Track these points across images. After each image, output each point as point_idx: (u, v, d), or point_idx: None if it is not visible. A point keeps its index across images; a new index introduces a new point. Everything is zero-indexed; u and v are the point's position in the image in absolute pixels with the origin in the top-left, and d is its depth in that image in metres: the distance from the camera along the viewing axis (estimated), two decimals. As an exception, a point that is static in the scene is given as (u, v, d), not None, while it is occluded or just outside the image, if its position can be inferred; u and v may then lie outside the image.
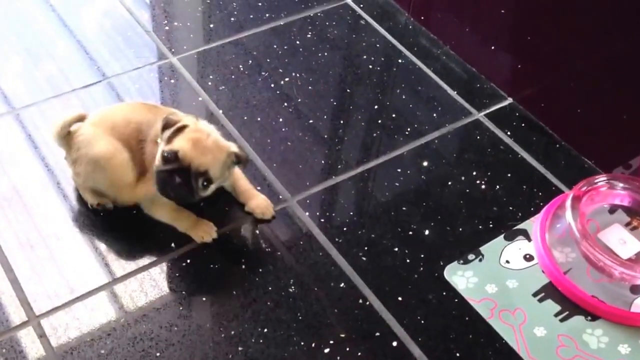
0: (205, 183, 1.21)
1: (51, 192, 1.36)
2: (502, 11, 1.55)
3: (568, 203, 1.27)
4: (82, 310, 1.20)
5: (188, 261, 1.28)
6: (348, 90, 1.61)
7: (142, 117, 1.30)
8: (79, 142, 1.29)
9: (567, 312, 1.22)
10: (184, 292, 1.23)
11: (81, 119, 1.32)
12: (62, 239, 1.29)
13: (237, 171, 1.33)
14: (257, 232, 1.33)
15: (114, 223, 1.32)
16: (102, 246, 1.28)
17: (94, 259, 1.26)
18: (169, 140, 1.21)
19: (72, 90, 1.54)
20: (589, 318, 1.22)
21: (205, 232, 1.30)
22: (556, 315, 1.22)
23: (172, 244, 1.29)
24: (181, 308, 1.21)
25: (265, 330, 1.19)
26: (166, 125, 1.22)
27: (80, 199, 1.34)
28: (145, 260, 1.27)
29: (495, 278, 1.26)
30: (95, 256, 1.27)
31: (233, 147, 1.25)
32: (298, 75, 1.62)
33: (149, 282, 1.24)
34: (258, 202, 1.34)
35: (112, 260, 1.27)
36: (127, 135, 1.28)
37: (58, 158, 1.39)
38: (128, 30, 1.69)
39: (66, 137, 1.31)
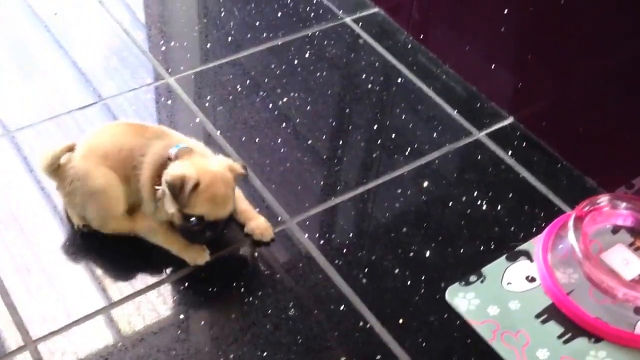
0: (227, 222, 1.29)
1: (47, 215, 1.38)
2: (502, 30, 1.59)
3: (570, 223, 1.30)
4: (79, 334, 1.22)
5: (186, 284, 1.30)
6: (347, 110, 1.64)
7: (132, 141, 1.31)
8: (72, 175, 1.31)
9: (570, 334, 1.25)
10: (182, 316, 1.26)
11: (70, 149, 1.32)
12: (59, 262, 1.32)
13: (237, 192, 1.36)
14: (256, 254, 1.35)
15: (110, 247, 1.34)
16: (99, 270, 1.31)
17: (90, 283, 1.29)
18: (188, 202, 1.22)
19: (68, 111, 1.57)
20: (593, 340, 1.24)
21: (198, 255, 1.32)
22: (559, 337, 1.24)
23: (170, 267, 1.32)
24: (179, 332, 1.24)
25: (265, 353, 1.21)
26: (176, 189, 1.22)
27: (66, 229, 1.36)
28: (143, 284, 1.29)
29: (498, 299, 1.29)
30: (92, 280, 1.29)
31: (235, 167, 1.28)
32: (296, 95, 1.66)
33: (146, 306, 1.26)
34: (257, 223, 1.36)
35: (108, 284, 1.29)
36: (120, 163, 1.30)
37: (52, 182, 1.41)
38: (124, 51, 1.73)
39: (56, 170, 1.32)
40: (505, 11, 1.56)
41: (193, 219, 1.25)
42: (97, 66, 1.69)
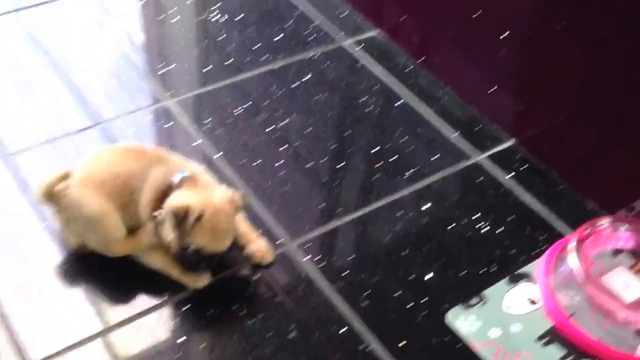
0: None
1: (44, 238, 1.39)
2: (502, 53, 1.62)
3: (571, 246, 1.32)
4: (77, 358, 1.23)
5: (186, 307, 1.31)
6: (347, 133, 1.66)
7: (130, 167, 1.32)
8: (67, 203, 1.32)
9: (572, 357, 1.26)
10: (182, 339, 1.27)
11: (65, 177, 1.33)
12: (56, 285, 1.33)
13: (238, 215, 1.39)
14: (257, 276, 1.37)
15: (108, 269, 1.35)
16: (97, 293, 1.32)
17: (88, 306, 1.30)
18: (189, 232, 1.25)
19: (66, 134, 1.59)
20: (595, 362, 1.26)
21: (197, 278, 1.33)
22: (561, 359, 1.26)
23: (170, 290, 1.33)
24: (179, 355, 1.25)
25: (266, 376, 1.23)
26: (179, 219, 1.24)
27: (62, 251, 1.37)
28: (141, 307, 1.30)
29: (499, 322, 1.30)
30: (90, 303, 1.30)
31: (236, 200, 1.30)
32: (296, 117, 1.68)
33: (145, 329, 1.27)
34: (257, 246, 1.38)
35: (106, 307, 1.30)
36: (116, 190, 1.31)
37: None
38: (123, 74, 1.75)
39: (52, 197, 1.33)
40: (506, 34, 1.59)
41: (191, 248, 1.27)
42: (96, 89, 1.71)
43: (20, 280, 1.33)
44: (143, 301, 1.31)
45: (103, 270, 1.35)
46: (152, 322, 1.28)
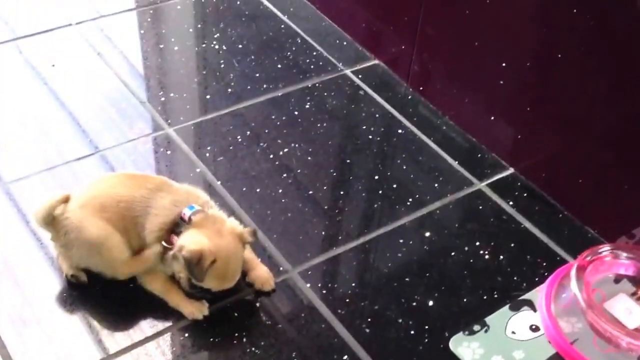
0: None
1: (43, 266, 1.42)
2: (501, 82, 1.66)
3: (573, 273, 1.35)
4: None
5: (186, 335, 1.33)
6: (348, 161, 1.70)
7: (132, 192, 1.35)
8: (67, 226, 1.34)
9: (575, 383, 1.29)
10: (184, 366, 1.30)
11: (65, 200, 1.35)
12: (55, 313, 1.34)
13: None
14: (258, 304, 1.39)
15: (107, 297, 1.37)
16: (95, 321, 1.34)
17: (87, 334, 1.32)
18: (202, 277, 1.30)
19: (66, 162, 1.62)
20: (598, 389, 1.29)
21: (196, 309, 1.35)
22: (564, 386, 1.29)
23: (170, 318, 1.35)
24: (181, 382, 1.28)
25: (268, 404, 1.25)
26: (192, 264, 1.27)
27: (61, 279, 1.39)
28: (141, 335, 1.32)
29: (502, 349, 1.33)
30: (88, 331, 1.32)
31: (245, 236, 1.34)
32: (297, 145, 1.72)
33: (145, 358, 1.29)
34: (259, 273, 1.41)
35: (105, 335, 1.32)
36: (118, 214, 1.34)
37: (48, 234, 1.44)
38: (122, 102, 1.79)
39: (51, 222, 1.34)
40: (503, 64, 1.64)
41: (200, 289, 1.32)
42: (95, 117, 1.74)
43: (17, 308, 1.35)
44: (143, 329, 1.33)
45: (102, 298, 1.37)
46: (152, 350, 1.30)
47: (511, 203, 1.62)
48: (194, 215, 1.32)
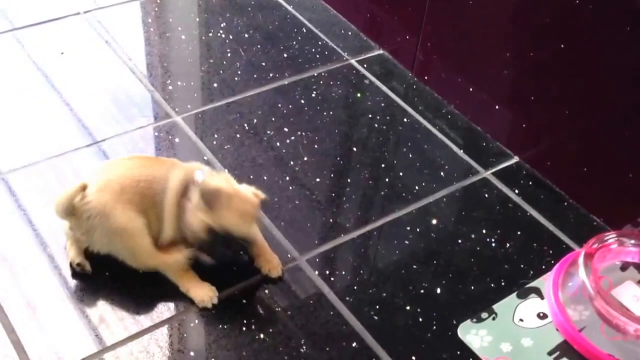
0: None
1: (40, 257, 1.37)
2: (505, 72, 1.63)
3: (580, 260, 1.32)
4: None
5: (196, 321, 1.30)
6: (354, 149, 1.66)
7: (151, 172, 1.33)
8: (89, 211, 1.29)
9: (583, 371, 1.26)
10: (192, 353, 1.25)
11: (83, 188, 1.31)
12: (58, 303, 1.30)
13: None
14: (267, 291, 1.36)
15: (114, 286, 1.34)
16: (103, 310, 1.30)
17: (95, 323, 1.28)
18: (220, 214, 1.26)
19: (75, 149, 1.58)
20: (606, 377, 1.25)
21: (206, 296, 1.32)
22: (573, 373, 1.26)
23: (179, 306, 1.32)
24: (191, 369, 1.24)
25: (278, 391, 1.22)
26: (211, 199, 1.26)
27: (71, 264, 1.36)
28: (151, 322, 1.29)
29: (510, 336, 1.29)
30: (97, 320, 1.29)
31: (259, 193, 1.35)
32: (303, 134, 1.68)
33: (155, 345, 1.26)
34: (268, 258, 1.37)
35: (114, 323, 1.28)
36: (137, 195, 1.31)
37: (47, 222, 1.42)
38: (130, 90, 1.75)
39: (72, 211, 1.30)
40: (508, 54, 1.60)
41: (221, 229, 1.27)
42: (103, 105, 1.71)
43: (24, 296, 1.31)
44: (152, 316, 1.30)
45: (108, 288, 1.34)
46: (161, 337, 1.27)
47: (517, 191, 1.58)
48: (206, 176, 1.30)
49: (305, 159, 1.62)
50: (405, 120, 1.74)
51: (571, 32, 1.46)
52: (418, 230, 1.49)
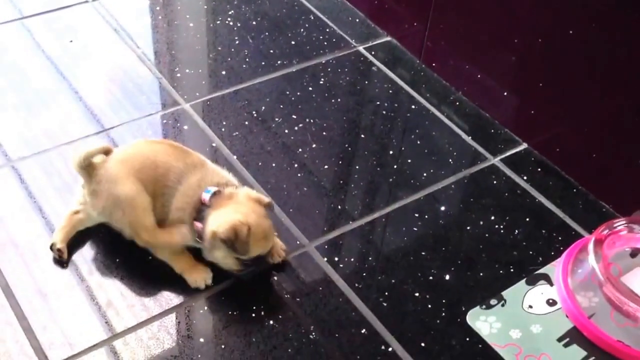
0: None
1: (48, 245, 1.35)
2: (513, 58, 1.60)
3: (590, 247, 1.29)
4: (97, 359, 1.20)
5: (205, 308, 1.28)
6: (362, 136, 1.63)
7: (172, 162, 1.31)
8: (101, 175, 1.30)
9: (593, 357, 1.22)
10: (202, 340, 1.23)
11: (106, 152, 1.32)
12: (64, 291, 1.29)
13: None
14: (276, 278, 1.33)
15: (125, 270, 1.32)
16: (115, 295, 1.29)
17: (106, 308, 1.27)
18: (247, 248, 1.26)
19: (85, 136, 1.56)
20: (616, 363, 1.23)
21: (199, 277, 1.30)
22: (582, 360, 1.23)
23: (189, 292, 1.30)
24: (200, 356, 1.21)
25: (287, 377, 1.20)
26: (232, 241, 1.24)
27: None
28: (160, 308, 1.27)
29: (519, 323, 1.27)
30: (107, 305, 1.27)
31: (261, 198, 1.31)
32: (311, 121, 1.65)
33: (164, 330, 1.24)
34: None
35: (125, 309, 1.26)
36: (152, 178, 1.30)
37: (57, 210, 1.40)
38: (139, 78, 1.72)
39: (87, 168, 1.30)
40: (515, 40, 1.57)
41: (250, 259, 1.27)
42: (113, 93, 1.68)
43: (35, 282, 1.29)
44: (161, 302, 1.28)
45: (117, 274, 1.32)
46: (172, 323, 1.25)
47: (525, 178, 1.55)
48: (213, 198, 1.28)
49: (314, 146, 1.59)
50: (413, 107, 1.71)
51: (580, 19, 1.43)
52: (426, 217, 1.46)
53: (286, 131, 1.62)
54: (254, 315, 1.27)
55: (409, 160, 1.58)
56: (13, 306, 1.26)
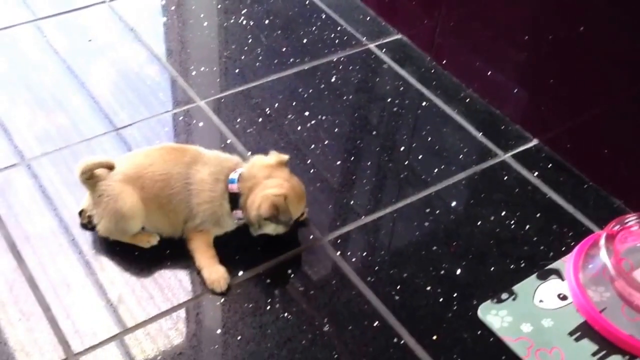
0: None
1: (62, 242, 1.35)
2: (524, 55, 1.58)
3: (602, 242, 1.27)
4: (118, 348, 1.20)
5: (222, 300, 1.28)
6: (374, 133, 1.62)
7: (169, 170, 1.32)
8: (105, 191, 1.31)
9: (604, 352, 1.21)
10: (218, 331, 1.23)
11: (109, 167, 1.31)
12: (77, 286, 1.29)
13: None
14: (290, 271, 1.33)
15: (143, 263, 1.32)
16: (134, 287, 1.29)
17: (131, 296, 1.27)
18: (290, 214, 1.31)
19: (102, 134, 1.55)
20: (627, 357, 1.20)
21: (218, 280, 1.30)
22: (594, 354, 1.21)
23: (204, 285, 1.29)
24: (216, 347, 1.21)
25: (302, 369, 1.19)
26: (276, 216, 1.28)
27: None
28: (177, 300, 1.27)
29: (530, 317, 1.26)
30: (129, 294, 1.27)
31: (281, 157, 1.36)
32: (323, 118, 1.64)
33: (181, 321, 1.24)
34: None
35: (144, 300, 1.26)
36: (153, 195, 1.31)
37: (70, 209, 1.40)
38: (156, 75, 1.72)
39: (89, 179, 1.31)
40: (526, 37, 1.56)
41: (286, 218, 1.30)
42: (129, 91, 1.68)
43: (59, 275, 1.30)
44: (178, 295, 1.28)
45: (140, 265, 1.32)
46: (190, 315, 1.25)
47: (536, 174, 1.53)
48: (240, 184, 1.30)
49: (325, 142, 1.58)
50: (424, 104, 1.69)
51: (591, 14, 1.41)
52: (437, 212, 1.45)
53: (298, 128, 1.61)
54: (268, 307, 1.27)
55: (420, 157, 1.57)
56: (38, 298, 1.26)
